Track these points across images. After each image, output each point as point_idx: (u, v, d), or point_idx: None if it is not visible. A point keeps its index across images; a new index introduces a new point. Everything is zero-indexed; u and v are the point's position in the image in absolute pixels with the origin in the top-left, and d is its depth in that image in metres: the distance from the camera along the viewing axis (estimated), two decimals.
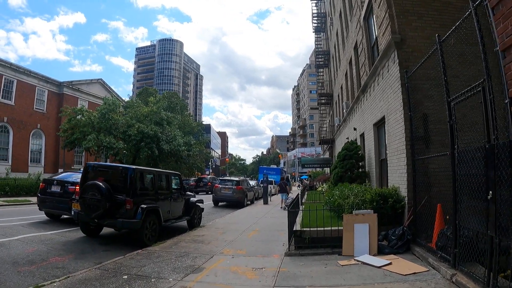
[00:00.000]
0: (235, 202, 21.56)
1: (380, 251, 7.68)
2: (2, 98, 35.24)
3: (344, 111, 18.79)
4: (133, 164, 39.40)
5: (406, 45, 9.13)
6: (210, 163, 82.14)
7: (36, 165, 38.81)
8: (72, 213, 10.03)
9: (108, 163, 11.10)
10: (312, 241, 7.87)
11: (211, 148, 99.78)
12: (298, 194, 13.46)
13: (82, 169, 11.63)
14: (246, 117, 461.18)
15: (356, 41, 15.36)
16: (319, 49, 32.25)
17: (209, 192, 30.61)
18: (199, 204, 13.17)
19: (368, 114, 12.94)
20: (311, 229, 7.90)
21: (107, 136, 33.61)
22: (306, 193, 22.84)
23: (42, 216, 13.12)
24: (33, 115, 39.11)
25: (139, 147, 34.77)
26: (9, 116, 35.99)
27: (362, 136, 14.68)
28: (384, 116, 10.49)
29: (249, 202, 23.81)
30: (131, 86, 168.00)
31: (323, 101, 31.04)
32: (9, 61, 37.67)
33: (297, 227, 8.29)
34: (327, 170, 40.31)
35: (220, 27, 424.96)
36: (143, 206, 9.30)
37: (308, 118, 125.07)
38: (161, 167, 42.51)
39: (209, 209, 20.08)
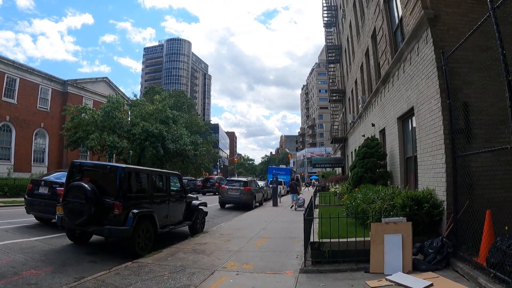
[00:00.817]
0: (243, 204, 20.27)
1: (416, 268, 6.33)
2: (4, 96, 34.32)
3: (360, 106, 17.40)
4: (138, 164, 38.55)
5: (440, 22, 7.75)
6: (218, 163, 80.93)
7: (40, 165, 37.89)
8: (56, 218, 8.85)
9: (95, 162, 9.79)
10: (333, 255, 6.53)
11: (219, 148, 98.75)
12: (311, 197, 12.03)
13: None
14: (255, 117, 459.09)
15: (375, 28, 13.98)
16: (330, 44, 30.82)
17: (216, 193, 29.32)
18: (202, 207, 11.91)
19: (390, 107, 11.55)
20: (332, 240, 6.55)
21: (111, 135, 32.57)
22: (318, 194, 21.48)
23: (32, 219, 12.01)
24: (37, 114, 38.20)
25: (143, 146, 33.63)
26: (11, 115, 35.09)
27: (382, 132, 13.30)
28: (412, 107, 9.11)
29: (257, 204, 22.50)
30: (139, 86, 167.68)
31: (334, 98, 29.61)
32: (12, 59, 36.82)
33: (314, 237, 6.94)
34: (338, 170, 38.87)
35: (228, 27, 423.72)
36: (134, 211, 8.05)
37: (317, 118, 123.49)
38: (167, 167, 41.42)
39: (215, 212, 18.83)
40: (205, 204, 12.16)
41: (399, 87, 10.43)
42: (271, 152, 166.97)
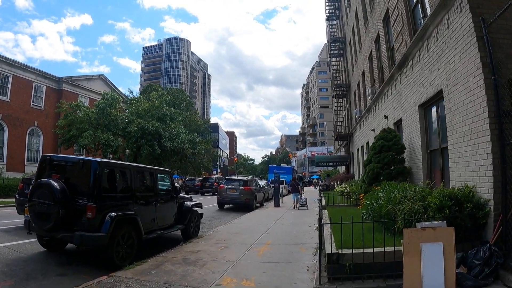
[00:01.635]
0: (243, 205, 18.92)
1: (460, 284, 5.02)
2: None
3: (369, 98, 16.06)
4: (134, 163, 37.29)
5: None
6: (218, 163, 79.60)
7: (34, 164, 36.45)
8: (24, 221, 7.56)
9: (67, 155, 8.43)
10: (355, 269, 5.18)
11: (219, 148, 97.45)
12: (319, 198, 10.70)
13: None
14: (254, 117, 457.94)
15: (387, 10, 12.64)
16: (334, 37, 29.45)
17: (215, 193, 27.98)
18: (197, 209, 10.59)
19: (409, 94, 10.21)
20: (354, 251, 5.20)
21: (105, 133, 31.26)
22: (322, 194, 20.14)
23: (18, 221, 10.87)
24: (30, 112, 36.92)
25: (139, 144, 32.28)
26: (4, 113, 33.80)
27: (397, 124, 11.97)
28: (440, 90, 7.76)
29: (258, 205, 21.15)
30: (138, 86, 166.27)
31: (338, 93, 28.25)
32: (3, 55, 35.49)
33: (331, 247, 5.55)
34: (341, 169, 37.50)
35: (227, 27, 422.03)
36: (112, 214, 6.72)
37: (318, 117, 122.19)
38: (165, 166, 40.12)
39: (213, 213, 17.51)
40: (199, 206, 10.84)
41: (420, 70, 9.09)
42: (271, 152, 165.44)
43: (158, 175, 9.04)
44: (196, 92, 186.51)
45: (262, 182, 29.06)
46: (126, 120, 33.22)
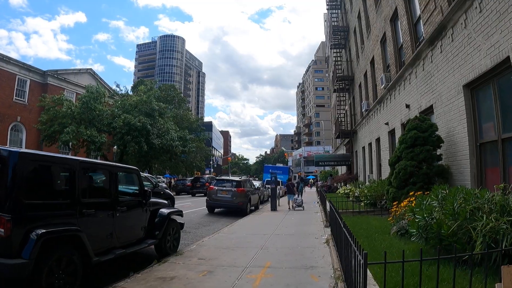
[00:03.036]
0: (235, 209, 16.70)
1: None
2: None
3: (382, 87, 13.92)
4: (120, 162, 34.90)
5: None
6: (211, 162, 77.27)
7: None
8: None
9: None
10: None
11: (213, 147, 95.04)
12: (318, 201, 8.54)
13: None
14: (249, 117, 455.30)
15: None
16: (336, 26, 27.28)
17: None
18: (176, 217, 8.39)
19: (446, 74, 8.05)
20: None
21: (89, 129, 28.86)
22: (318, 197, 17.94)
23: None
24: (13, 107, 34.49)
25: (125, 141, 29.88)
26: None
27: (425, 114, 9.80)
28: (507, 57, 5.60)
29: (252, 208, 18.94)
30: (132, 84, 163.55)
31: (340, 86, 26.05)
32: None
33: None
34: (341, 169, 35.41)
35: (222, 26, 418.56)
36: (38, 231, 4.51)
37: (314, 116, 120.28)
38: (154, 164, 37.82)
39: (201, 218, 15.29)
40: (179, 213, 8.63)
41: (467, 38, 6.94)
42: (266, 152, 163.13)
43: (119, 174, 6.78)
44: (190, 90, 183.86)
45: (256, 183, 26.88)
46: (110, 115, 30.75)
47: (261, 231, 11.06)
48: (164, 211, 8.02)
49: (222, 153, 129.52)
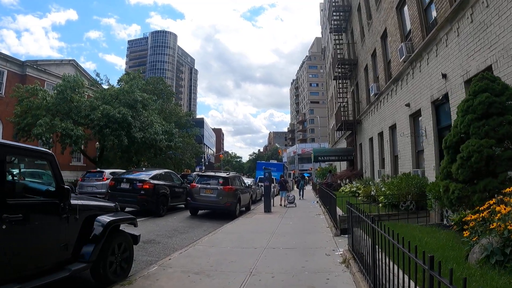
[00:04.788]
0: (222, 211, 13.98)
1: None
2: None
3: (401, 60, 11.27)
4: (101, 158, 31.98)
5: None
6: (203, 160, 74.30)
7: None
8: None
9: None
10: None
11: (205, 144, 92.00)
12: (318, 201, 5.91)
13: None
14: (242, 115, 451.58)
15: None
16: (336, 5, 24.58)
17: None
18: (125, 226, 5.72)
19: None
20: None
21: (64, 121, 25.92)
22: (317, 196, 15.27)
23: None
24: None
25: (104, 134, 26.94)
26: None
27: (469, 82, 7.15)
28: None
29: (243, 209, 16.25)
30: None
31: (340, 73, 23.36)
32: None
33: None
34: (340, 165, 32.83)
35: (214, 24, 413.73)
36: None
37: (308, 113, 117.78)
38: (144, 162, 34.81)
39: (180, 223, 12.58)
40: (131, 221, 5.95)
41: None
42: (259, 150, 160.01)
43: (13, 158, 4.06)
44: (182, 87, 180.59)
45: (249, 181, 24.19)
46: (89, 107, 27.74)
47: (251, 243, 8.34)
48: (104, 218, 5.30)
49: (215, 151, 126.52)
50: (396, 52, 12.25)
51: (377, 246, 3.92)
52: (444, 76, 8.30)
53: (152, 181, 13.80)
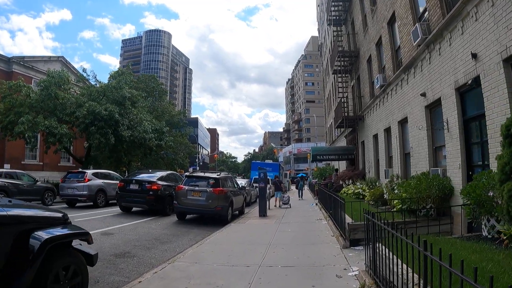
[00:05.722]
0: (212, 215, 12.53)
1: None
2: None
3: (416, 43, 9.85)
4: (88, 158, 30.31)
5: None
6: (197, 160, 72.63)
7: None
8: None
9: None
10: None
11: (199, 144, 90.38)
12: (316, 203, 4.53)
13: None
14: (237, 116, 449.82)
15: None
16: None
17: None
18: (78, 244, 4.34)
19: None
20: None
21: (48, 119, 24.36)
22: (315, 197, 13.87)
23: None
24: None
25: (90, 132, 25.35)
26: None
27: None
28: None
29: (236, 212, 14.80)
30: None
31: (341, 66, 21.95)
32: None
33: None
34: (338, 164, 31.41)
35: (208, 24, 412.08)
36: None
37: (304, 112, 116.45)
38: (127, 161, 33.07)
39: (164, 229, 11.14)
40: (83, 237, 4.52)
41: None
42: (254, 150, 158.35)
43: None
44: (177, 87, 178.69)
45: (243, 182, 22.73)
46: (76, 104, 26.11)
47: (243, 258, 6.87)
48: (41, 235, 3.87)
49: (209, 151, 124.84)
50: (407, 36, 10.85)
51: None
52: (474, 56, 6.89)
53: (159, 182, 14.44)
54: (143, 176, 15.13)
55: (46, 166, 34.48)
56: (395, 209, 8.45)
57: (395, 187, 10.13)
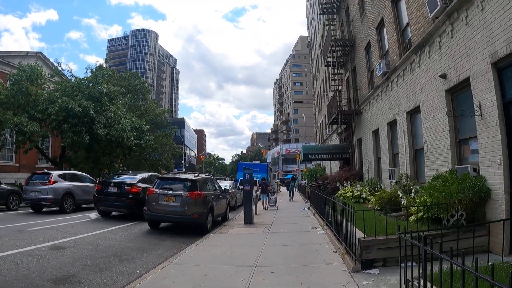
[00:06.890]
0: (188, 223, 10.61)
1: None
2: None
3: (432, 15, 8.12)
4: (62, 158, 28.00)
5: None
6: (183, 161, 70.42)
7: None
8: None
9: None
10: None
11: (185, 145, 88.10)
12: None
13: None
14: (225, 117, 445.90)
15: None
16: None
17: None
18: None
19: None
20: None
21: (18, 116, 22.29)
22: (306, 200, 12.09)
23: None
24: None
25: (62, 130, 23.23)
26: None
27: None
28: None
29: (219, 219, 12.91)
30: None
31: (334, 57, 20.19)
32: None
33: None
34: (330, 165, 29.65)
35: (195, 25, 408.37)
36: None
37: (292, 112, 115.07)
38: (105, 161, 30.77)
39: (129, 242, 9.19)
40: None
41: None
42: (242, 151, 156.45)
43: None
44: (163, 87, 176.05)
45: (227, 183, 20.87)
46: (49, 100, 23.92)
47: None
48: None
49: (196, 153, 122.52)
50: (419, 10, 9.14)
51: None
52: None
53: (140, 185, 13.46)
54: (123, 178, 14.35)
55: (22, 167, 31.92)
56: (413, 217, 6.67)
57: (412, 190, 8.34)
